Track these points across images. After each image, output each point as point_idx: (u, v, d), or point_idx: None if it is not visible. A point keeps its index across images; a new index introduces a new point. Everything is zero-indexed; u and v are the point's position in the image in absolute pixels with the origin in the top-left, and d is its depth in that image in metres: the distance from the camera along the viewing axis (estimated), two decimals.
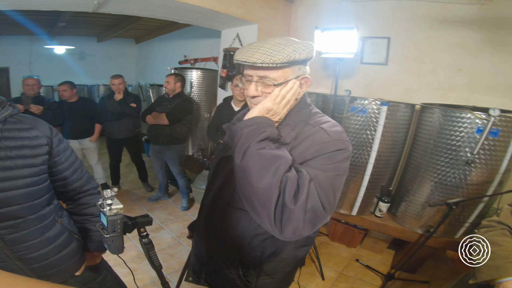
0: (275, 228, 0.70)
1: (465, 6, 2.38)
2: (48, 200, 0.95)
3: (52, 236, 0.95)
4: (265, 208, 0.69)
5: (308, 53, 0.81)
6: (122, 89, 3.24)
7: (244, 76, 0.87)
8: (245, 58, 0.78)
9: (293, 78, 0.82)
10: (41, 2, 2.06)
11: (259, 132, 0.74)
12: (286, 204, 0.67)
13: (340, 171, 0.78)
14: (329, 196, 0.74)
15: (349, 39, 2.20)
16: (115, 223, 0.82)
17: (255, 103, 0.85)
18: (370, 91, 2.91)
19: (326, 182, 0.73)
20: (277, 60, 0.75)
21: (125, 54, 7.68)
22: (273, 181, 0.68)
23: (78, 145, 3.44)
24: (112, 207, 0.81)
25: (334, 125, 0.84)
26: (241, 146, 0.73)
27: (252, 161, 0.70)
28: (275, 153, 0.71)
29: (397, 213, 2.32)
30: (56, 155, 0.96)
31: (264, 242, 0.93)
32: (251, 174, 0.70)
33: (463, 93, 2.47)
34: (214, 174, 1.01)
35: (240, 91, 2.59)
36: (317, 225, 0.72)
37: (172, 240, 2.80)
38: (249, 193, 0.72)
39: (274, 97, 0.80)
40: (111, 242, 0.84)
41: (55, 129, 0.99)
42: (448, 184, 1.94)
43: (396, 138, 2.19)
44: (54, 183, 1.00)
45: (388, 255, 2.72)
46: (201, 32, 4.59)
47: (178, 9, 2.48)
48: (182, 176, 3.33)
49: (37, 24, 5.00)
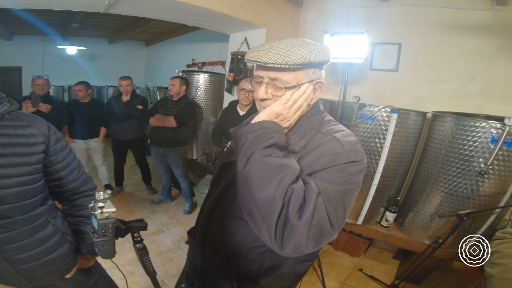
0: (275, 243, 0.65)
1: (480, 12, 2.31)
2: (42, 200, 0.92)
3: (43, 237, 0.92)
4: (265, 221, 0.64)
5: (324, 56, 0.75)
6: (130, 91, 3.26)
7: (254, 78, 0.81)
8: (256, 58, 0.73)
9: (307, 82, 0.77)
10: (54, 1, 2.08)
11: (265, 138, 0.69)
12: (289, 218, 0.62)
13: (353, 185, 0.72)
14: (338, 212, 0.68)
15: (359, 43, 2.16)
16: (106, 227, 0.78)
17: (264, 107, 0.79)
18: (379, 98, 2.84)
19: (336, 196, 0.68)
20: (290, 61, 0.70)
21: (135, 57, 7.80)
22: (277, 192, 0.63)
23: (84, 145, 3.46)
24: (103, 210, 0.77)
25: (348, 134, 0.78)
26: (245, 152, 0.69)
27: (256, 168, 0.66)
28: (281, 162, 0.66)
29: (404, 223, 2.24)
30: (53, 154, 0.93)
31: (263, 255, 0.86)
32: (253, 183, 0.65)
33: (477, 102, 2.38)
34: (216, 180, 0.97)
35: (245, 95, 2.53)
36: (322, 242, 0.66)
37: (172, 244, 2.76)
38: (249, 203, 0.67)
39: (284, 101, 0.75)
40: (101, 247, 0.80)
41: (53, 127, 0.96)
42: (459, 195, 1.86)
43: (406, 147, 2.11)
44: (49, 183, 0.97)
45: (393, 265, 2.63)
46: (210, 36, 4.62)
47: (187, 11, 2.48)
48: (185, 179, 3.31)
49: (50, 24, 5.11)
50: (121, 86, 3.23)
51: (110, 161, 3.73)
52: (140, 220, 0.94)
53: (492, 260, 1.10)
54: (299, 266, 0.94)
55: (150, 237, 2.85)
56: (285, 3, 3.11)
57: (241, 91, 2.55)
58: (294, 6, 3.24)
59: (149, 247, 2.98)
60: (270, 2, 2.91)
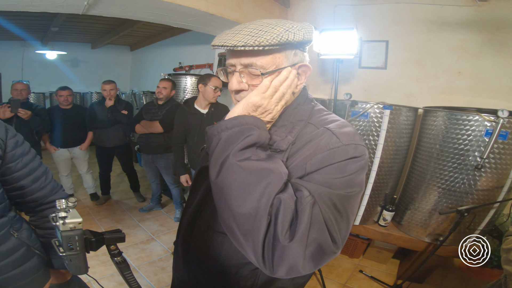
0: (263, 266, 0.53)
1: (462, 8, 2.34)
2: (0, 212, 0.82)
3: (4, 251, 0.82)
4: (249, 241, 0.52)
5: (305, 34, 0.63)
6: (113, 95, 3.13)
7: (226, 67, 0.69)
8: (222, 42, 0.60)
9: (288, 66, 0.64)
10: (29, 2, 1.97)
11: (242, 137, 0.56)
12: (278, 238, 0.50)
13: (355, 187, 0.60)
14: (340, 223, 0.56)
15: (349, 39, 2.13)
16: (72, 240, 0.68)
17: (240, 100, 0.67)
18: (369, 96, 2.84)
19: (336, 203, 0.56)
20: (264, 41, 0.57)
21: (119, 62, 7.61)
22: (260, 205, 0.51)
23: (68, 153, 3.31)
24: (66, 220, 0.66)
25: (344, 125, 0.66)
26: (218, 157, 0.56)
27: (232, 177, 0.53)
28: (263, 166, 0.54)
29: (402, 222, 2.21)
30: (11, 161, 0.83)
31: (255, 271, 0.73)
32: (230, 195, 0.53)
33: (466, 97, 2.40)
34: (194, 188, 0.85)
35: (216, 93, 2.33)
36: (323, 262, 0.55)
37: (163, 252, 2.65)
38: (228, 219, 0.55)
39: (263, 89, 0.62)
40: (69, 261, 0.70)
41: (12, 130, 0.86)
42: (457, 190, 1.84)
43: (399, 144, 2.09)
44: (9, 192, 0.87)
45: (393, 265, 2.59)
46: (196, 38, 4.56)
47: (172, 11, 2.40)
48: (176, 185, 3.19)
49: (29, 29, 4.92)
50: (104, 91, 3.11)
51: (96, 169, 3.58)
52: (116, 230, 0.84)
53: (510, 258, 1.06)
54: (299, 278, 0.81)
55: (140, 246, 2.73)
56: (273, 3, 3.08)
57: (214, 90, 2.33)
58: (282, 6, 3.22)
59: (139, 256, 2.84)
60: (257, 2, 2.87)
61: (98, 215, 3.29)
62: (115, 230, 0.84)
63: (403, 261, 2.58)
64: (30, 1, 1.94)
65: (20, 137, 0.89)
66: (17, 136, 0.87)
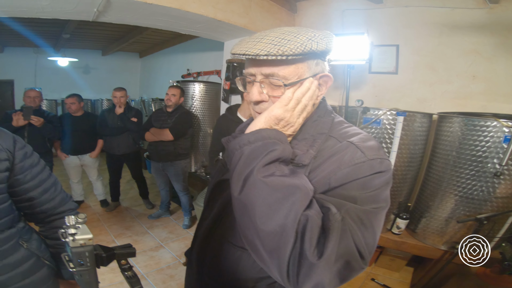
0: (287, 283, 0.51)
1: (473, 11, 2.30)
2: (9, 223, 0.83)
3: (13, 262, 0.82)
4: (274, 258, 0.51)
5: (328, 44, 0.61)
6: (123, 103, 3.17)
7: (245, 76, 0.67)
8: (244, 50, 0.58)
9: (310, 77, 0.63)
10: (40, 9, 2.02)
11: (265, 151, 0.54)
12: (306, 255, 0.48)
13: (380, 203, 0.58)
14: (367, 238, 0.54)
15: (360, 44, 2.11)
16: (82, 256, 0.67)
17: (260, 111, 0.65)
18: (380, 102, 2.79)
19: (363, 219, 0.54)
20: (287, 51, 0.56)
21: (129, 68, 7.72)
22: (287, 222, 0.49)
23: (78, 161, 3.35)
24: (76, 237, 0.65)
25: (367, 138, 0.63)
26: (241, 172, 0.55)
27: (256, 193, 0.52)
28: (289, 182, 0.52)
29: (417, 230, 2.15)
30: (20, 172, 0.83)
31: (272, 285, 0.71)
32: (255, 212, 0.51)
33: (481, 101, 2.34)
34: (210, 201, 0.83)
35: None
36: (350, 278, 0.53)
37: (172, 260, 2.63)
38: (252, 236, 0.53)
39: (285, 101, 0.60)
40: (79, 277, 0.69)
41: (21, 141, 0.86)
42: (475, 198, 1.78)
43: (414, 151, 2.04)
44: (18, 203, 0.87)
45: (407, 273, 2.51)
46: (204, 45, 4.60)
47: (180, 18, 2.42)
48: (186, 193, 3.19)
49: (42, 35, 5.02)
50: (114, 98, 3.14)
51: (106, 176, 3.61)
52: (127, 245, 0.82)
53: None
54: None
55: (149, 253, 2.72)
56: (280, 9, 3.09)
57: None
58: (289, 11, 3.22)
59: (148, 264, 2.83)
60: (264, 8, 2.88)
61: (108, 222, 3.31)
62: (125, 245, 0.83)
63: (417, 269, 2.51)
64: (41, 7, 1.98)
65: (29, 148, 0.89)
66: (26, 148, 0.87)
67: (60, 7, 2.02)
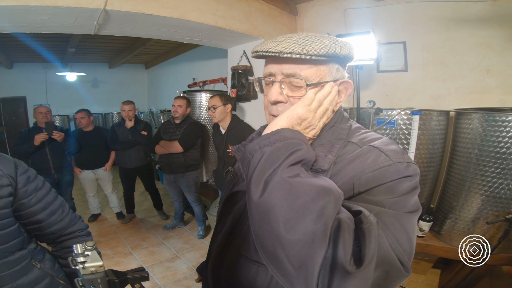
0: None
1: (477, 4, 2.22)
2: (19, 245, 0.84)
3: (27, 283, 0.83)
4: (301, 271, 0.43)
5: (350, 50, 0.61)
6: (132, 116, 3.20)
7: (262, 78, 0.65)
8: (267, 48, 0.57)
9: (331, 81, 0.62)
10: (40, 24, 2.01)
11: (290, 151, 0.50)
12: (340, 264, 0.42)
13: (411, 208, 0.54)
14: (403, 244, 0.49)
15: (367, 44, 2.06)
16: (95, 283, 0.67)
17: (277, 114, 0.63)
18: (392, 101, 2.73)
19: (395, 224, 0.50)
20: (312, 50, 0.55)
21: (136, 80, 7.81)
22: (317, 228, 0.43)
23: (92, 175, 3.41)
24: (86, 265, 0.65)
25: (389, 142, 0.60)
26: (261, 173, 0.49)
27: (280, 196, 0.46)
28: (319, 184, 0.47)
29: (442, 231, 2.07)
30: (23, 197, 0.84)
31: None
32: (278, 218, 0.45)
33: (498, 95, 2.25)
34: (222, 215, 0.79)
35: None
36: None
37: (188, 271, 2.63)
38: (273, 246, 0.46)
39: (308, 101, 0.58)
40: None
41: (23, 166, 0.87)
42: (502, 196, 1.70)
43: (433, 150, 1.97)
44: (26, 226, 0.88)
45: (434, 275, 2.43)
46: (208, 53, 4.61)
47: (181, 27, 2.42)
48: (198, 203, 3.19)
49: (49, 50, 5.09)
50: (123, 111, 3.18)
51: (120, 189, 3.66)
52: (140, 269, 0.82)
53: None
54: None
55: (165, 264, 2.74)
56: (281, 12, 3.06)
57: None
58: (290, 14, 3.19)
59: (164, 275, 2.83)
60: (265, 12, 2.86)
61: (124, 234, 3.34)
62: (138, 268, 0.82)
63: (444, 271, 2.42)
64: (41, 22, 1.98)
65: (32, 172, 0.90)
66: (29, 172, 0.88)
67: (60, 22, 2.02)
